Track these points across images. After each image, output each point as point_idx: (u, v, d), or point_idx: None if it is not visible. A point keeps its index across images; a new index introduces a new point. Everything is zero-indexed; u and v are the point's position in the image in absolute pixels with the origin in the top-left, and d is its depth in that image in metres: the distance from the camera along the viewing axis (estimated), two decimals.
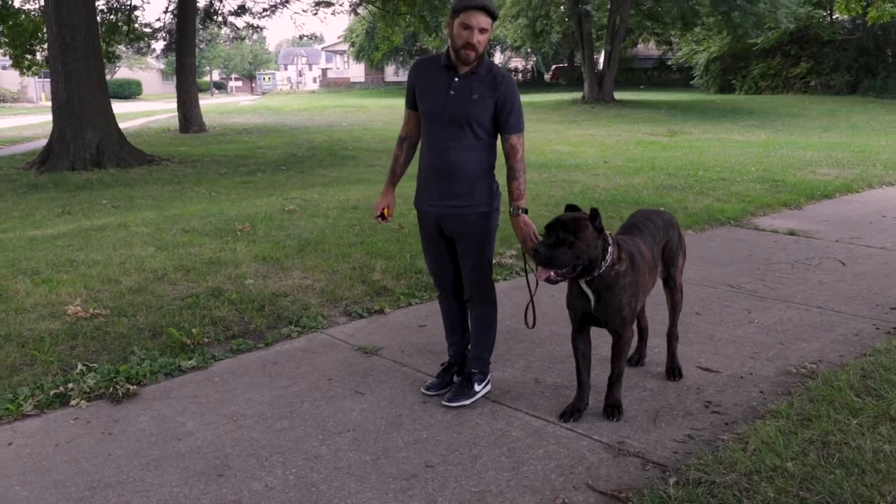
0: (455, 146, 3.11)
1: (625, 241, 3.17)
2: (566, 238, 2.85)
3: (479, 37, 2.99)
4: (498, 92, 3.07)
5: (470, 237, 3.21)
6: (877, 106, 26.07)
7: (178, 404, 3.41)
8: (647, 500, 2.45)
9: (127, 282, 5.16)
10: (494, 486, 2.64)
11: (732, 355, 3.86)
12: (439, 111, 3.12)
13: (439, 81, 3.12)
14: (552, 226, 2.91)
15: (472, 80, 3.08)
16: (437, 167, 3.17)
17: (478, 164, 3.15)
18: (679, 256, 3.60)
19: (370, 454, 2.90)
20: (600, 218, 2.91)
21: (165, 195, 10.59)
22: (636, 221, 3.51)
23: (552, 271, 2.88)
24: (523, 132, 3.17)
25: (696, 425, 3.07)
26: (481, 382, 3.38)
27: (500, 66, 3.22)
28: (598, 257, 2.92)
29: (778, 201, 8.45)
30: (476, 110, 3.07)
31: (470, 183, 3.15)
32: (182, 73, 20.30)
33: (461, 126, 3.09)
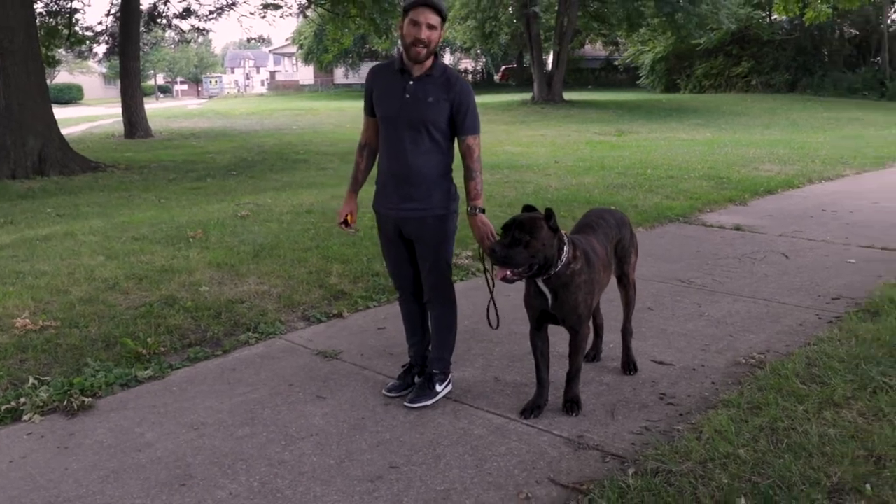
0: (412, 149, 3.14)
1: (579, 240, 3.23)
2: (522, 238, 2.90)
3: (428, 33, 3.02)
4: (453, 94, 3.10)
5: (428, 239, 3.24)
6: (815, 104, 26.98)
7: (136, 415, 3.36)
8: (607, 491, 2.51)
9: (77, 292, 5.05)
10: (459, 483, 2.68)
11: (684, 348, 3.98)
12: (395, 115, 3.14)
13: (394, 85, 3.15)
14: (508, 226, 2.95)
15: (427, 82, 3.11)
16: (395, 171, 3.20)
17: (435, 166, 3.18)
18: (632, 254, 3.68)
19: (334, 458, 2.90)
20: (555, 217, 2.97)
21: (112, 202, 10.36)
22: (590, 220, 3.58)
23: (509, 270, 2.92)
24: (479, 133, 3.20)
25: (651, 417, 3.16)
26: (442, 383, 3.41)
27: (452, 69, 3.26)
28: (553, 256, 2.97)
29: (724, 197, 8.70)
30: (431, 113, 3.10)
31: (427, 186, 3.18)
32: (126, 78, 19.85)
33: (417, 129, 3.12)
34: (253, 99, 50.89)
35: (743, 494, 2.42)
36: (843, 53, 32.92)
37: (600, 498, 2.45)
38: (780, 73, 32.54)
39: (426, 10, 3.02)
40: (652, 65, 37.93)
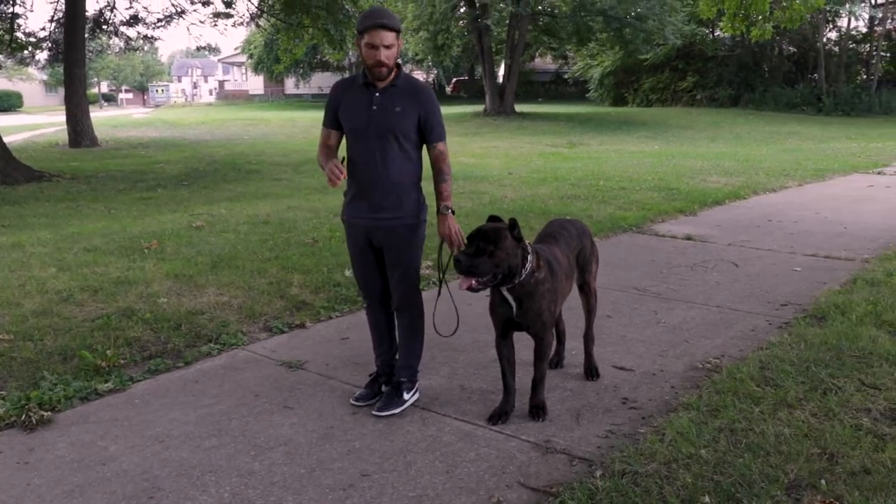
0: (382, 159, 3.19)
1: (543, 249, 3.31)
2: (486, 248, 2.96)
3: (387, 52, 3.08)
4: (419, 102, 3.19)
5: (398, 248, 3.29)
6: (756, 118, 27.91)
7: (98, 428, 3.30)
8: (577, 492, 2.58)
9: (29, 304, 4.92)
10: (431, 489, 2.71)
11: (644, 354, 4.09)
12: (364, 127, 3.19)
13: (361, 98, 3.21)
14: (473, 236, 3.01)
15: (393, 93, 3.18)
16: (365, 181, 3.25)
17: (405, 175, 3.24)
18: (593, 262, 3.79)
19: (305, 467, 2.91)
20: (519, 228, 3.03)
21: (59, 213, 10.10)
22: (552, 230, 3.67)
23: (473, 280, 2.98)
24: (446, 139, 3.32)
25: (615, 421, 3.25)
26: (410, 391, 3.44)
27: (415, 77, 3.36)
28: (517, 265, 3.04)
29: (674, 208, 8.94)
30: (399, 122, 3.17)
31: (398, 195, 3.23)
32: (71, 85, 19.32)
33: (386, 139, 3.18)
34: (201, 108, 50.03)
35: (707, 492, 2.51)
36: (782, 70, 34.14)
37: (570, 500, 2.52)
38: (723, 87, 33.56)
39: (380, 31, 3.07)
40: (601, 78, 38.72)
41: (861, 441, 2.86)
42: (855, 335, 4.08)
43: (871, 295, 4.94)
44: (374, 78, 3.16)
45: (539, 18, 29.10)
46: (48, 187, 12.80)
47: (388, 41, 3.08)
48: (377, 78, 3.15)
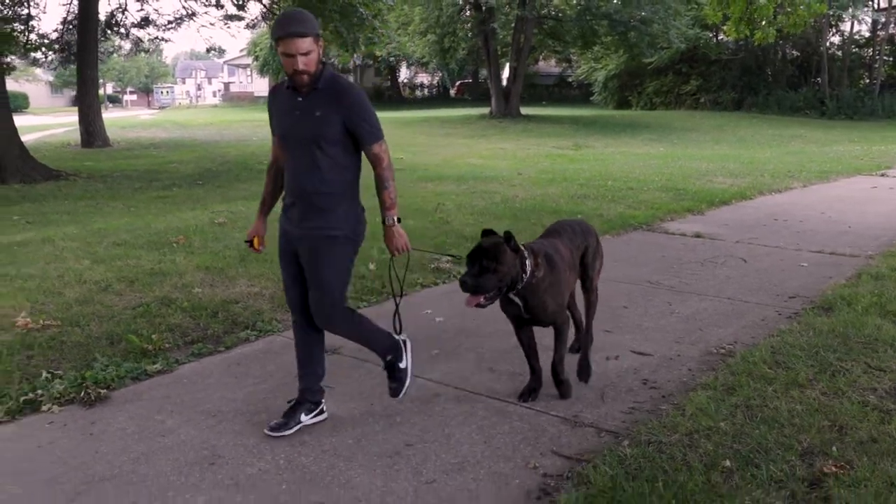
0: (305, 167, 3.03)
1: (539, 245, 3.43)
2: (490, 265, 3.06)
3: (305, 59, 2.89)
4: (341, 105, 2.99)
5: (315, 262, 3.08)
6: (760, 121, 28.12)
7: (152, 405, 3.53)
8: (607, 459, 2.80)
9: (71, 294, 5.15)
10: (471, 457, 2.94)
11: (660, 340, 4.31)
12: (288, 133, 3.07)
13: (286, 104, 3.08)
14: (474, 255, 3.10)
15: (314, 97, 2.99)
16: (292, 189, 3.11)
17: (331, 184, 3.03)
18: (597, 261, 3.90)
19: (351, 438, 3.13)
20: (514, 239, 3.14)
21: (80, 210, 10.33)
22: (556, 227, 3.85)
23: (481, 297, 3.10)
24: (383, 139, 3.08)
25: (637, 399, 3.47)
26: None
27: (342, 77, 3.11)
28: (518, 273, 3.16)
29: (682, 207, 9.16)
30: (320, 128, 2.98)
31: (326, 204, 3.04)
32: (83, 86, 19.59)
33: (310, 146, 3.00)
34: (207, 110, 50.38)
35: (727, 458, 2.73)
36: (785, 74, 34.35)
37: (602, 464, 2.74)
38: (726, 91, 33.77)
39: (295, 40, 2.87)
40: (605, 81, 38.91)
41: (868, 415, 3.09)
42: (861, 324, 4.30)
43: (876, 288, 5.16)
44: (296, 85, 3.00)
45: (544, 22, 29.35)
46: (66, 186, 13.04)
47: (304, 48, 2.88)
48: (299, 85, 2.98)
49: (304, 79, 2.94)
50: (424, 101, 50.65)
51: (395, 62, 47.18)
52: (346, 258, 3.14)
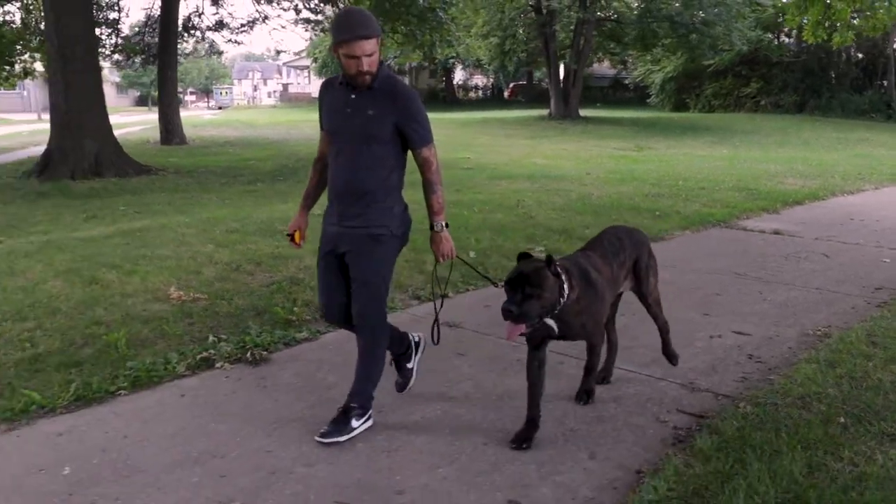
0: (354, 164, 3.04)
1: (573, 261, 3.25)
2: (533, 292, 2.89)
3: (369, 60, 2.90)
4: (396, 106, 3.00)
5: (358, 259, 3.10)
6: (823, 124, 27.77)
7: (310, 365, 4.02)
8: (729, 416, 3.18)
9: (208, 272, 5.72)
10: (606, 412, 3.36)
11: (758, 323, 4.65)
12: (338, 129, 3.08)
13: (338, 100, 3.07)
14: (515, 281, 2.92)
15: (369, 95, 3.00)
16: (337, 186, 3.11)
17: (377, 182, 3.05)
18: (650, 276, 3.64)
19: (494, 395, 3.57)
20: (555, 262, 3.01)
21: (178, 202, 11.04)
22: (602, 237, 3.58)
23: (523, 326, 2.92)
24: (433, 143, 3.10)
25: (746, 371, 3.84)
26: (360, 418, 3.19)
27: (398, 77, 3.15)
28: (558, 298, 3.00)
29: (757, 206, 9.38)
30: (372, 126, 3.00)
31: (368, 202, 3.06)
32: (164, 86, 20.62)
33: (359, 143, 3.02)
34: (266, 110, 51.70)
35: (840, 415, 3.09)
36: (849, 76, 33.76)
37: (730, 417, 3.12)
38: (788, 93, 33.39)
39: (360, 42, 2.87)
40: (662, 83, 38.77)
41: None
42: None
43: None
44: (356, 84, 3.00)
45: (604, 24, 29.51)
46: (158, 180, 13.85)
47: (368, 49, 2.88)
48: (360, 85, 2.98)
49: (367, 79, 2.95)
50: (478, 102, 51.11)
51: (451, 64, 47.75)
52: (390, 256, 3.16)
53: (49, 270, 5.80)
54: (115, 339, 4.22)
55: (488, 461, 2.94)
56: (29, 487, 2.79)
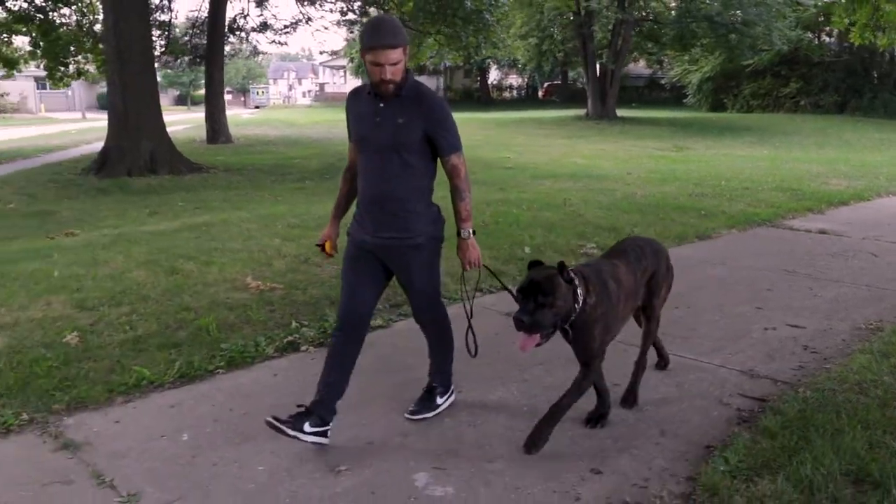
0: (385, 174, 3.05)
1: (594, 269, 3.17)
2: (545, 300, 2.84)
3: (393, 69, 2.91)
4: (423, 114, 3.01)
5: (408, 271, 3.19)
6: (865, 124, 27.45)
7: (388, 349, 4.32)
8: (790, 400, 3.39)
9: (279, 264, 6.06)
10: (670, 395, 3.60)
11: (810, 317, 4.84)
12: (367, 139, 3.07)
13: (367, 109, 3.08)
14: (527, 289, 2.87)
15: (397, 104, 3.01)
16: (370, 196, 3.11)
17: (411, 191, 3.07)
18: (663, 288, 3.58)
19: (567, 377, 3.82)
20: (567, 269, 2.94)
21: (233, 198, 11.47)
22: (625, 247, 3.52)
23: (538, 336, 2.87)
24: (462, 150, 3.12)
25: (802, 360, 4.04)
26: (443, 395, 3.47)
27: (425, 86, 3.13)
28: (572, 305, 2.93)
29: (802, 207, 9.48)
30: (402, 135, 3.01)
31: (404, 213, 3.08)
32: (211, 86, 21.19)
33: (390, 153, 3.03)
34: (303, 109, 52.42)
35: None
36: (893, 76, 33.23)
37: (793, 401, 3.34)
38: (828, 94, 33.01)
39: (386, 51, 2.88)
40: (699, 84, 38.55)
41: None
42: None
43: None
44: (380, 93, 3.02)
45: (641, 24, 29.52)
46: (210, 178, 14.33)
47: (393, 58, 2.90)
48: (385, 93, 3.00)
49: (391, 88, 2.96)
50: (513, 102, 51.26)
51: (486, 64, 47.96)
52: (435, 259, 3.23)
53: (130, 261, 6.19)
54: (205, 323, 4.57)
55: (567, 436, 3.20)
56: (155, 451, 3.12)
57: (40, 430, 3.29)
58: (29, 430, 3.30)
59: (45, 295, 5.18)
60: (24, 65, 20.95)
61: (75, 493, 2.78)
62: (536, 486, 2.80)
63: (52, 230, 8.78)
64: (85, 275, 5.73)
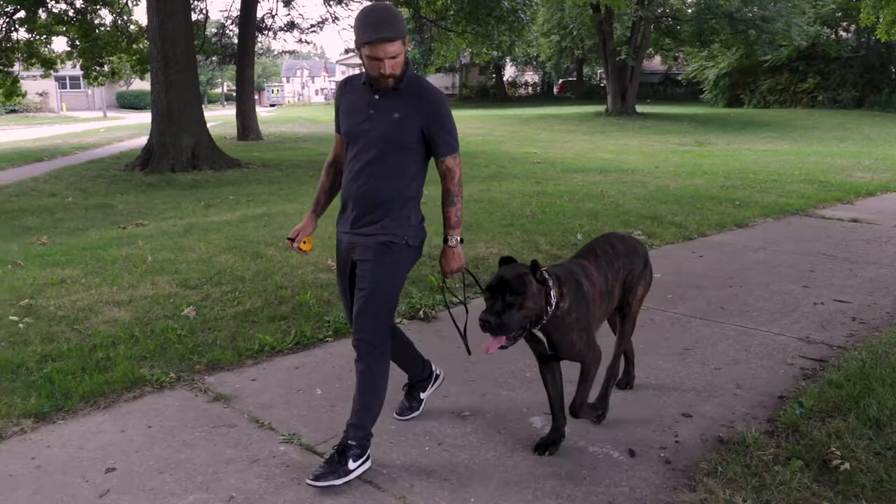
0: (372, 170, 2.84)
1: (566, 269, 3.00)
2: (515, 301, 2.69)
3: (392, 63, 2.71)
4: (423, 111, 2.81)
5: (365, 267, 2.87)
6: (884, 119, 27.69)
7: (473, 322, 4.76)
8: (848, 359, 3.83)
9: None
10: (739, 357, 4.04)
11: (853, 294, 5.26)
12: (358, 132, 2.85)
13: (360, 100, 2.87)
14: (495, 288, 2.73)
15: (394, 97, 2.81)
16: (353, 191, 2.90)
17: (395, 190, 2.85)
18: (639, 286, 3.36)
19: (642, 342, 4.28)
20: (541, 268, 2.80)
21: (277, 192, 11.96)
22: (595, 245, 3.31)
23: (504, 338, 2.73)
24: (458, 152, 2.90)
25: (852, 329, 4.48)
26: (358, 459, 2.85)
27: (425, 80, 2.92)
28: (543, 307, 2.78)
29: (831, 197, 9.88)
30: (395, 131, 2.80)
31: (384, 210, 2.86)
32: (242, 84, 21.73)
33: (379, 148, 2.82)
34: (320, 107, 52.95)
35: None
36: None
37: (851, 359, 3.78)
38: (846, 89, 33.23)
39: (384, 44, 2.66)
40: (716, 80, 38.80)
41: None
42: None
43: None
44: (380, 87, 2.82)
45: (662, 21, 29.86)
46: (250, 173, 14.83)
47: (392, 52, 2.68)
48: (383, 87, 2.80)
49: (390, 82, 2.77)
50: (528, 99, 51.65)
51: (502, 61, 48.35)
52: (401, 268, 2.93)
53: (212, 247, 6.68)
54: (304, 299, 5.05)
55: (653, 388, 3.65)
56: (296, 402, 3.59)
57: (189, 386, 3.78)
58: (179, 386, 3.78)
59: (148, 276, 5.68)
60: (60, 65, 21.50)
61: (242, 433, 3.26)
62: (637, 426, 3.25)
63: (119, 221, 9.30)
64: (176, 259, 6.23)
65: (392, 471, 2.93)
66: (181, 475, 2.90)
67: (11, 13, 18.54)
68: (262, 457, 3.04)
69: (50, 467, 2.97)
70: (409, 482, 2.83)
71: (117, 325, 4.56)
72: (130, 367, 3.89)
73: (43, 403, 3.47)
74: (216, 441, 3.18)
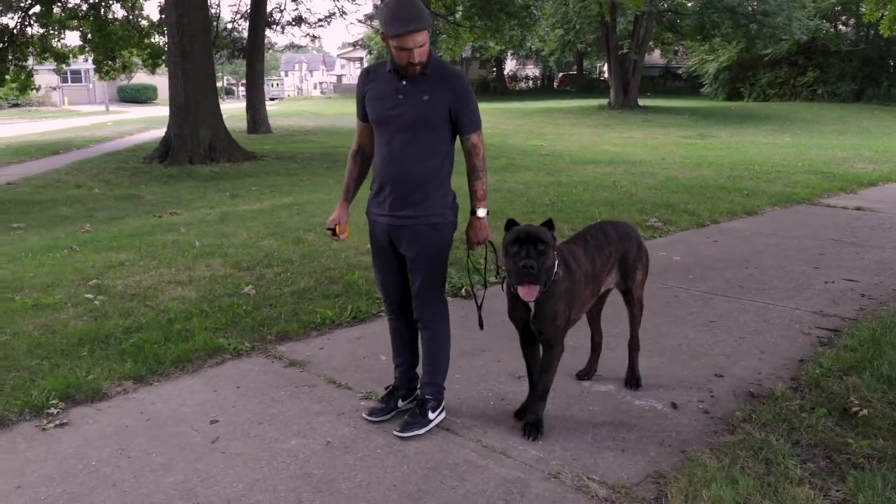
0: (406, 152, 2.98)
1: (561, 248, 3.15)
2: (545, 249, 2.82)
3: (420, 51, 2.85)
4: (449, 91, 2.96)
5: (419, 251, 3.07)
6: (883, 112, 28.11)
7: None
8: (861, 328, 4.23)
9: None
10: (760, 328, 4.44)
11: (861, 275, 5.67)
12: (388, 116, 2.99)
13: (387, 87, 3.00)
14: (523, 239, 2.85)
15: (421, 81, 2.95)
16: (388, 175, 3.04)
17: (431, 171, 3.01)
18: (637, 270, 3.50)
19: (669, 318, 4.67)
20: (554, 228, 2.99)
21: (297, 183, 12.35)
22: (586, 231, 3.45)
23: (537, 288, 2.84)
24: (481, 129, 3.09)
25: (862, 304, 4.88)
26: (435, 410, 3.23)
27: (448, 63, 3.09)
28: (553, 268, 2.92)
29: (835, 187, 10.28)
30: (426, 112, 2.95)
31: (423, 192, 3.02)
32: (251, 78, 22.05)
33: (412, 130, 2.96)
34: (321, 101, 53.20)
35: None
36: None
37: (863, 328, 4.18)
38: (846, 82, 33.65)
39: (413, 35, 2.81)
40: (716, 73, 39.18)
41: None
42: None
43: None
44: (408, 74, 2.95)
45: (664, 15, 30.22)
46: (266, 165, 15.20)
47: (420, 41, 2.83)
48: (412, 74, 2.94)
49: (418, 69, 2.91)
50: (528, 92, 51.99)
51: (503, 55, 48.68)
52: (447, 243, 3.13)
53: (253, 234, 7.06)
54: (353, 279, 5.44)
55: (686, 354, 4.06)
56: (365, 367, 3.99)
57: (264, 354, 4.17)
58: (255, 354, 4.17)
59: (200, 259, 6.07)
60: (73, 59, 21.81)
61: (324, 391, 3.66)
62: (675, 384, 3.66)
63: (153, 210, 9.68)
64: (222, 244, 6.62)
65: (465, 420, 3.32)
66: (278, 424, 3.30)
67: (27, 8, 18.85)
68: (346, 410, 3.44)
69: (160, 420, 3.36)
70: (482, 429, 3.23)
71: (185, 301, 4.95)
72: (209, 337, 4.28)
73: (140, 367, 3.87)
74: (301, 398, 3.58)
